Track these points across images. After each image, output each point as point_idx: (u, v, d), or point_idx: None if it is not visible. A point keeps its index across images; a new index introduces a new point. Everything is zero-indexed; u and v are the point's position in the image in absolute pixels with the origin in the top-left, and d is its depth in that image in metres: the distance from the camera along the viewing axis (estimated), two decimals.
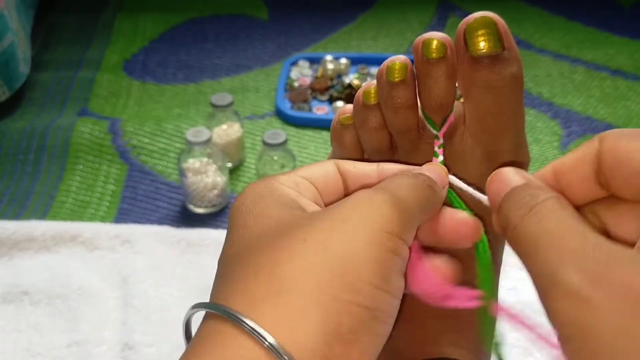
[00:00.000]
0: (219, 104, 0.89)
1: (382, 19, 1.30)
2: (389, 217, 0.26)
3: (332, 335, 0.23)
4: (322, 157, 0.94)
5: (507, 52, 0.32)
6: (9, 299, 0.71)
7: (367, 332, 0.24)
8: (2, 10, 0.97)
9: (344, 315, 0.24)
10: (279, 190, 0.29)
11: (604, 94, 1.09)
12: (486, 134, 0.34)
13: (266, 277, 0.24)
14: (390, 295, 0.25)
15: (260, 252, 0.26)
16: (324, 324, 0.23)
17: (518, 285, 0.72)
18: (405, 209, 0.27)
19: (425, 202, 0.29)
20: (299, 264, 0.24)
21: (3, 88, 1.00)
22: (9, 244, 0.76)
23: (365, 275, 0.24)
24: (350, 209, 0.26)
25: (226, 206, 0.86)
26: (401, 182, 0.29)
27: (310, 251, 0.25)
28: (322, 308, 0.23)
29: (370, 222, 0.26)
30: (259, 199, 0.29)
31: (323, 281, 0.24)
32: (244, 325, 0.23)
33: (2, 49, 0.97)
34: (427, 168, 0.32)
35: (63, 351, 0.66)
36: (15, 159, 0.93)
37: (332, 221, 0.26)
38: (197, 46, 1.21)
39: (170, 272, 0.74)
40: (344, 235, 0.25)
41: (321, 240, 0.25)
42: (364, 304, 0.24)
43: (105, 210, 0.85)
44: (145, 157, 0.93)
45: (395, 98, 0.34)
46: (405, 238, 0.27)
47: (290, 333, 0.23)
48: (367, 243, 0.25)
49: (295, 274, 0.24)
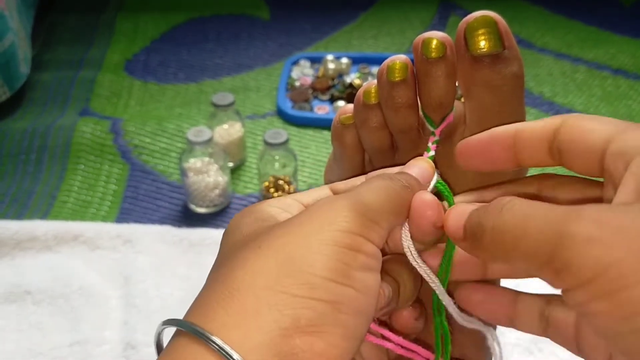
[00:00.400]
0: (220, 103, 0.89)
1: (383, 18, 1.30)
2: (346, 217, 0.26)
3: (290, 329, 0.24)
4: (323, 156, 0.94)
5: (507, 51, 0.32)
6: (11, 299, 0.71)
7: (331, 324, 0.24)
8: (3, 10, 0.97)
9: (301, 310, 0.24)
10: (261, 210, 0.30)
11: (605, 93, 1.09)
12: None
13: (219, 286, 0.26)
14: (352, 289, 0.25)
15: (222, 265, 0.27)
16: (279, 320, 0.24)
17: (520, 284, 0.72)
18: (368, 209, 0.27)
19: (397, 202, 0.29)
20: (250, 268, 0.25)
21: (4, 88, 1.00)
22: (11, 244, 0.77)
23: (319, 271, 0.25)
24: (309, 213, 0.27)
25: (227, 206, 0.86)
26: (369, 185, 0.29)
27: (263, 255, 0.26)
28: (275, 306, 0.24)
29: (325, 223, 0.26)
30: (239, 220, 0.30)
31: (274, 281, 0.25)
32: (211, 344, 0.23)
33: (3, 49, 0.97)
34: (411, 163, 0.32)
35: (65, 351, 0.66)
36: (17, 159, 0.93)
37: (288, 226, 0.27)
38: (198, 46, 1.21)
39: (171, 271, 0.74)
40: (297, 237, 0.26)
41: (275, 244, 0.26)
42: (321, 297, 0.25)
43: (106, 210, 0.85)
44: (147, 157, 0.94)
45: (396, 97, 0.34)
46: (370, 236, 0.27)
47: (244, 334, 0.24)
48: (320, 241, 0.26)
49: (246, 278, 0.25)
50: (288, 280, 0.25)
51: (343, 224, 0.26)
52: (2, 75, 0.99)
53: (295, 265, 0.25)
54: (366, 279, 0.26)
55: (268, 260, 0.25)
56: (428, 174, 0.32)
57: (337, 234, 0.26)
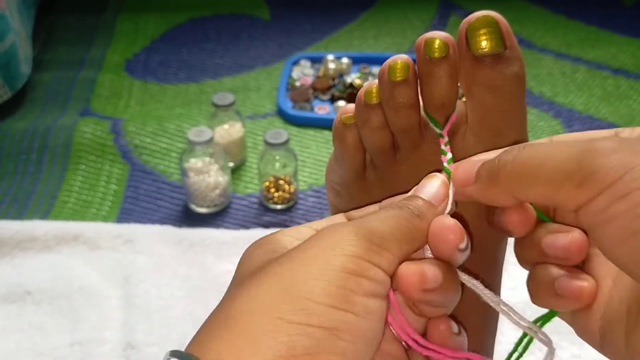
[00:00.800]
0: (220, 103, 0.89)
1: (384, 18, 1.30)
2: (351, 241, 0.26)
3: (285, 357, 0.23)
4: (323, 156, 0.95)
5: (509, 51, 0.32)
6: (11, 299, 0.71)
7: (328, 352, 0.24)
8: (3, 10, 0.97)
9: (297, 337, 0.24)
10: (275, 241, 0.29)
11: (605, 93, 1.09)
12: (488, 133, 0.34)
13: (219, 314, 0.25)
14: (352, 314, 0.25)
15: (227, 296, 0.27)
16: (274, 348, 0.23)
17: (519, 285, 0.72)
18: (375, 235, 0.27)
19: (407, 230, 0.28)
20: (247, 295, 0.25)
21: (5, 88, 1.00)
22: (11, 244, 0.77)
23: (318, 297, 0.25)
24: (314, 239, 0.27)
25: (228, 206, 0.86)
26: (378, 215, 0.28)
27: (264, 283, 0.26)
28: (271, 333, 0.24)
29: (329, 247, 0.26)
30: (252, 251, 0.29)
31: (271, 307, 0.24)
32: None
33: (4, 49, 0.97)
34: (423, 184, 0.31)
35: (65, 351, 0.67)
36: (17, 159, 0.93)
37: (293, 252, 0.27)
38: (198, 46, 1.21)
39: (172, 271, 0.74)
40: (299, 263, 0.26)
41: (277, 270, 0.26)
42: (318, 324, 0.24)
43: (107, 210, 0.85)
44: (147, 157, 0.94)
45: (397, 97, 0.34)
46: (376, 261, 0.26)
47: None
48: (320, 267, 0.25)
49: (243, 305, 0.25)
50: (285, 306, 0.24)
51: (348, 248, 0.26)
52: (3, 75, 0.99)
53: (293, 291, 0.25)
54: (369, 305, 0.26)
55: (266, 286, 0.25)
56: (441, 194, 0.30)
57: (341, 259, 0.26)
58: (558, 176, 0.25)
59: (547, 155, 0.25)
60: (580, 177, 0.24)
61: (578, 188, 0.24)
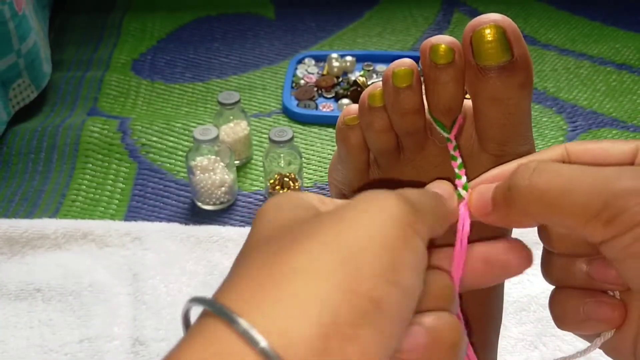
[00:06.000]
0: (226, 102, 0.89)
1: (388, 15, 1.30)
2: (398, 206, 0.25)
3: (329, 327, 0.21)
4: (328, 153, 0.95)
5: (515, 59, 0.31)
6: (22, 296, 0.72)
7: (369, 327, 0.22)
8: (24, 10, 0.98)
9: (342, 304, 0.22)
10: (299, 197, 0.28)
11: (609, 88, 1.09)
12: (492, 142, 0.34)
13: (266, 270, 0.23)
14: (398, 288, 0.23)
15: (267, 248, 0.24)
16: (321, 315, 0.21)
17: (524, 279, 0.72)
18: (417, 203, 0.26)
19: (435, 208, 0.28)
20: (301, 255, 0.23)
21: (31, 87, 1.01)
22: (21, 242, 0.78)
23: (368, 261, 0.23)
24: (360, 202, 0.25)
25: (234, 203, 0.87)
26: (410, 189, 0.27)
27: (315, 241, 0.23)
28: (320, 297, 0.22)
29: (378, 211, 0.24)
30: (278, 205, 0.28)
31: (323, 269, 0.22)
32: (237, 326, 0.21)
33: (27, 49, 0.98)
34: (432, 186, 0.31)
35: (75, 347, 0.67)
36: (26, 158, 0.94)
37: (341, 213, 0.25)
38: (204, 45, 1.22)
39: (179, 268, 0.75)
40: (350, 224, 0.24)
41: (327, 231, 0.24)
42: (364, 293, 0.22)
43: (115, 208, 0.86)
44: (154, 156, 0.94)
45: (402, 103, 0.34)
46: (419, 230, 0.25)
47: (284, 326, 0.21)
48: (373, 229, 0.24)
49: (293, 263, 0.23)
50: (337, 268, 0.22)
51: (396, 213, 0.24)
52: (29, 74, 1.00)
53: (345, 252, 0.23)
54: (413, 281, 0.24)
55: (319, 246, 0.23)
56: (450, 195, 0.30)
57: (392, 223, 0.24)
58: (585, 212, 0.25)
59: (569, 187, 0.26)
60: (607, 216, 0.25)
61: (605, 227, 0.25)
